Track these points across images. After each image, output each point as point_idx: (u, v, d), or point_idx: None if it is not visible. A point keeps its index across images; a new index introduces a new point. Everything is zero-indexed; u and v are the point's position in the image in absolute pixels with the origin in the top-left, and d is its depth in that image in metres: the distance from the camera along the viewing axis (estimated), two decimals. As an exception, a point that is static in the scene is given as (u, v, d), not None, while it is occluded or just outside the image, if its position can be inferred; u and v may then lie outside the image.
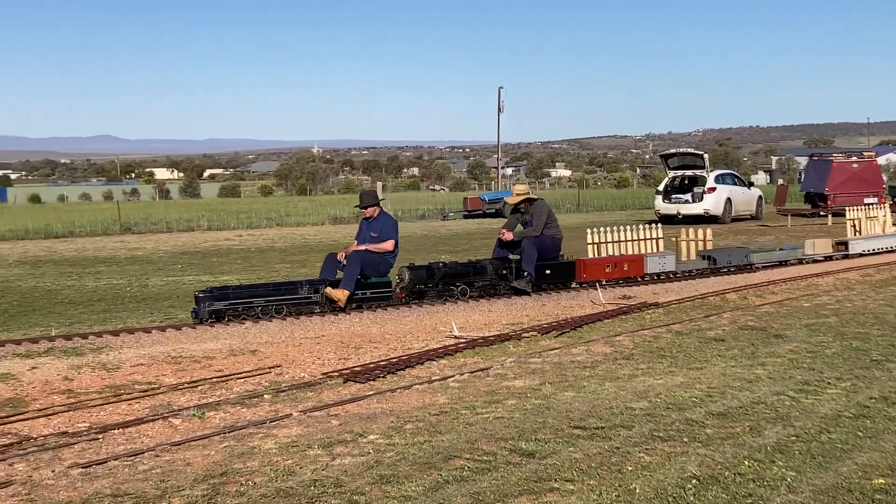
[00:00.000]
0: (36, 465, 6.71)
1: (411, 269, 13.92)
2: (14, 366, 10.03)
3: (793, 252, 19.64)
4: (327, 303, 13.00)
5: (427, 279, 13.87)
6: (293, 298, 12.84)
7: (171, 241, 33.53)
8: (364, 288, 13.38)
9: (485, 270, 14.42)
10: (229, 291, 12.66)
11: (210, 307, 12.28)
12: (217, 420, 7.90)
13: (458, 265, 14.43)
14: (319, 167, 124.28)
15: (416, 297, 13.83)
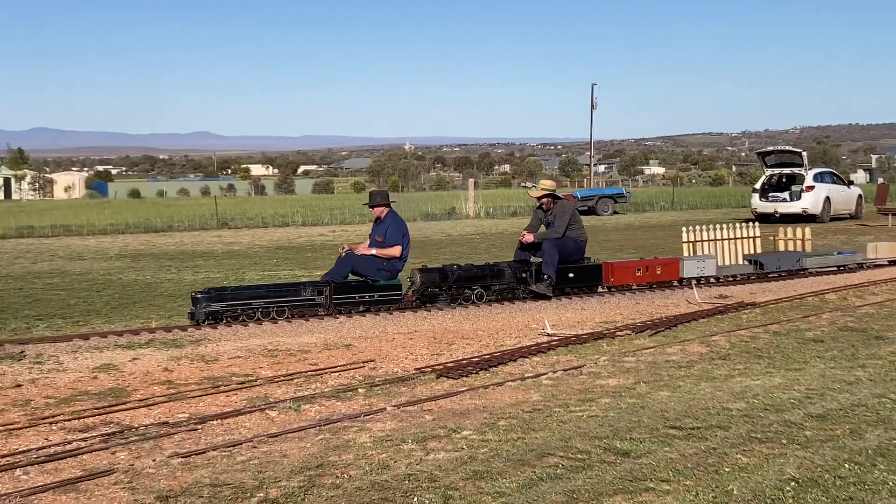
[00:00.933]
0: (137, 453, 6.87)
1: (423, 271, 13.40)
2: (116, 356, 10.29)
3: (851, 257, 18.19)
4: (331, 305, 12.66)
5: (440, 282, 13.29)
6: (295, 300, 12.47)
7: (267, 235, 34.03)
8: (372, 291, 13.00)
9: (502, 273, 13.77)
10: (227, 293, 12.31)
11: (207, 308, 11.97)
12: (312, 413, 8.00)
13: (475, 268, 13.76)
14: (411, 164, 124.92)
15: (427, 300, 13.31)
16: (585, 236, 14.56)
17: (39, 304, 15.38)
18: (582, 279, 14.39)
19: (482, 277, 13.61)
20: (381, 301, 13.02)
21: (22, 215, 46.34)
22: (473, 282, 13.52)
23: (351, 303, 12.83)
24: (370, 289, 13.01)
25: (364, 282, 13.09)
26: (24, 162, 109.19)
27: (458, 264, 13.85)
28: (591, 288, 14.54)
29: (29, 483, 6.20)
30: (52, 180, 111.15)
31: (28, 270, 22.04)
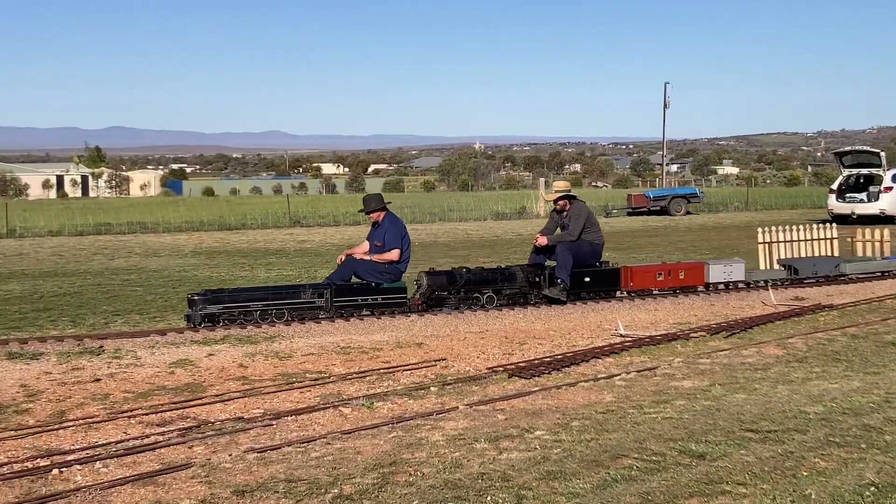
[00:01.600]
0: (214, 448, 6.96)
1: (430, 274, 13.01)
2: (192, 352, 10.44)
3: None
4: (332, 308, 12.39)
5: (447, 285, 12.93)
6: (295, 303, 12.21)
7: (339, 234, 34.27)
8: (375, 293, 12.67)
9: (514, 277, 13.33)
10: (224, 295, 12.10)
11: (203, 311, 11.75)
12: (385, 410, 8.03)
13: (485, 271, 13.37)
14: (481, 163, 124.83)
15: (434, 304, 12.95)
16: (602, 239, 14.07)
17: (117, 299, 15.67)
18: (599, 283, 13.86)
19: (493, 281, 13.20)
20: (384, 304, 12.68)
21: (99, 212, 47.23)
22: (483, 285, 13.13)
23: (353, 306, 12.51)
24: (373, 291, 12.66)
25: (367, 284, 12.78)
26: (102, 160, 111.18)
27: (468, 267, 13.49)
28: (609, 293, 13.98)
29: (108, 476, 6.31)
30: (129, 178, 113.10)
31: (106, 266, 22.46)
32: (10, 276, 20.45)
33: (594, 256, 13.92)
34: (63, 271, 21.37)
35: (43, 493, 5.97)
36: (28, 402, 8.36)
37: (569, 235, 13.66)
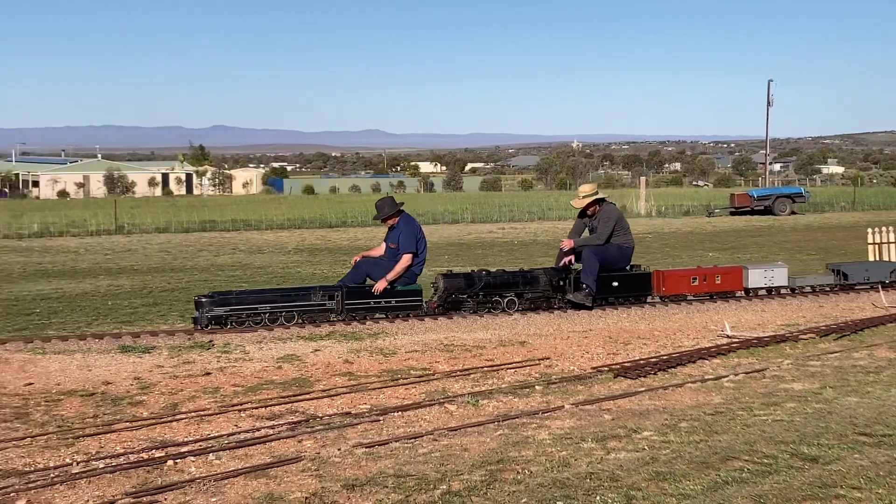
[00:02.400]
0: (323, 442, 7.05)
1: (447, 277, 12.63)
2: (299, 348, 10.59)
3: None
4: (344, 310, 12.10)
5: (465, 289, 12.56)
6: (305, 305, 11.97)
7: (437, 232, 34.40)
8: (389, 296, 12.32)
9: (536, 280, 12.87)
10: (232, 297, 11.92)
11: (210, 313, 11.56)
12: (490, 408, 8.05)
13: (505, 274, 12.97)
14: (579, 162, 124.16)
15: (451, 307, 12.55)
16: (632, 243, 13.50)
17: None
18: (628, 288, 13.35)
19: (513, 284, 12.81)
20: (398, 307, 12.36)
21: (204, 210, 48.14)
22: (504, 289, 12.75)
23: (365, 308, 12.21)
24: (386, 294, 12.30)
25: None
26: (205, 158, 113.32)
27: (488, 269, 13.17)
28: (639, 298, 13.48)
29: (221, 468, 6.44)
30: (231, 176, 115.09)
31: (211, 263, 22.92)
32: (121, 271, 21.00)
33: (623, 261, 13.38)
34: (171, 267, 21.87)
35: (159, 483, 6.12)
36: (142, 395, 8.58)
37: (596, 239, 13.19)
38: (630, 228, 13.62)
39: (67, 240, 32.94)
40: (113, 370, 9.53)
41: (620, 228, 13.28)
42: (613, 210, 13.45)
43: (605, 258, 13.07)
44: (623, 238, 13.30)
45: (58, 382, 9.04)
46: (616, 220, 13.24)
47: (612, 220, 13.21)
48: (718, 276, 13.88)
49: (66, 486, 6.07)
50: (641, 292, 13.48)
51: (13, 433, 7.37)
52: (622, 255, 13.32)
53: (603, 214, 13.32)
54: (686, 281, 13.66)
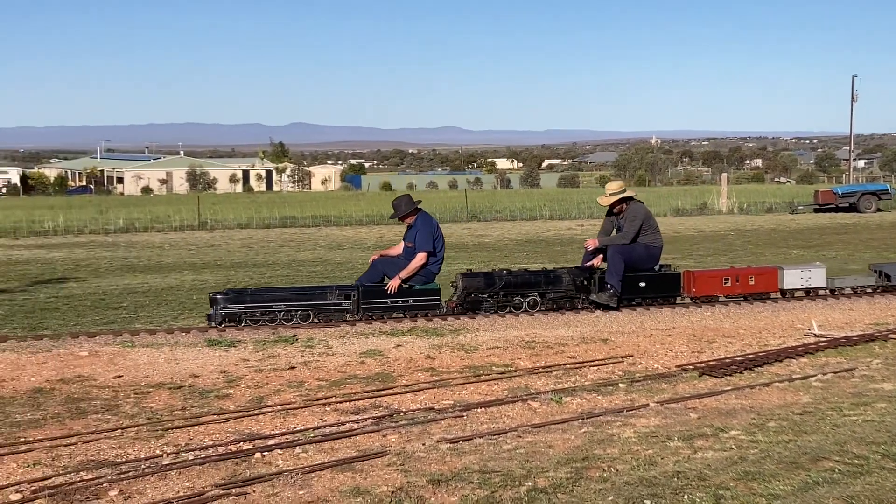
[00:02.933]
0: (407, 437, 7.08)
1: (466, 276, 12.43)
2: (381, 343, 10.65)
3: None
4: (360, 310, 11.96)
5: (485, 288, 12.33)
6: (321, 304, 11.84)
7: (515, 229, 34.38)
8: (406, 295, 12.15)
9: (559, 280, 12.57)
10: (247, 294, 11.93)
11: (225, 310, 11.51)
12: (574, 406, 8.01)
13: (527, 273, 12.74)
14: (658, 158, 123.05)
15: (470, 307, 12.32)
16: (660, 242, 13.14)
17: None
18: (656, 289, 12.98)
19: (535, 284, 12.54)
20: (415, 307, 12.18)
21: (284, 206, 48.68)
22: (525, 289, 12.49)
23: (382, 308, 12.07)
24: (404, 293, 12.15)
25: (400, 286, 12.23)
26: (285, 155, 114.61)
27: (509, 269, 12.95)
28: (667, 299, 13.08)
29: (308, 461, 6.50)
30: (310, 173, 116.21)
31: (293, 258, 23.17)
32: (204, 266, 21.33)
33: (650, 261, 13.00)
34: (253, 262, 22.16)
35: (247, 475, 6.20)
36: (228, 388, 8.69)
37: (622, 238, 12.83)
38: (659, 228, 13.26)
39: (152, 235, 33.58)
40: (200, 363, 9.67)
41: (648, 227, 12.93)
42: (640, 208, 13.08)
43: (632, 258, 12.73)
44: (651, 237, 12.96)
45: (146, 375, 9.20)
46: (643, 219, 12.90)
47: (638, 219, 12.86)
48: (752, 276, 13.46)
49: (156, 476, 6.18)
50: (670, 293, 13.11)
51: (104, 424, 7.52)
52: (649, 254, 12.96)
53: (629, 213, 12.99)
54: (717, 282, 13.29)
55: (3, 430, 7.39)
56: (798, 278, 13.63)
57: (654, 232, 13.02)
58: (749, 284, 13.36)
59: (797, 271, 13.70)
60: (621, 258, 12.59)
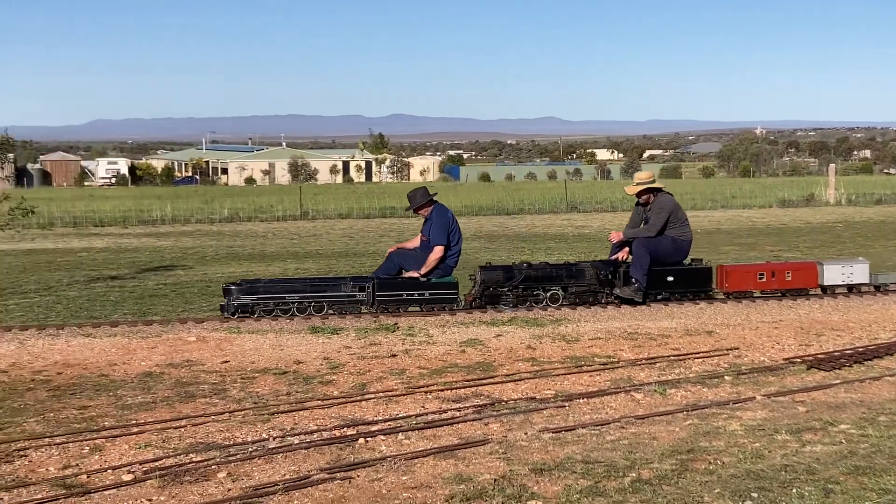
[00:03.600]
0: (509, 426, 7.08)
1: (485, 269, 12.20)
2: (481, 333, 10.66)
3: None
4: (375, 302, 11.75)
5: (504, 282, 12.03)
6: (334, 296, 11.66)
7: (616, 220, 34.00)
8: (423, 288, 11.95)
9: (582, 274, 12.23)
10: (259, 285, 11.76)
11: (238, 301, 11.41)
12: (678, 398, 7.91)
13: (548, 266, 12.39)
14: (763, 148, 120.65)
15: (488, 301, 12.05)
16: (689, 235, 12.72)
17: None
18: (685, 284, 12.56)
19: (557, 278, 12.19)
20: (431, 300, 11.94)
21: (383, 196, 48.98)
22: (546, 282, 12.15)
23: (398, 301, 11.86)
24: (420, 286, 11.96)
25: (414, 279, 12.10)
26: (384, 146, 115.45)
27: (530, 262, 12.58)
28: (698, 294, 12.64)
29: (411, 447, 6.55)
30: (409, 164, 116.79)
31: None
32: (307, 255, 21.62)
33: (678, 254, 12.62)
34: (353, 252, 22.38)
35: (351, 460, 6.27)
36: (331, 374, 8.80)
37: (647, 231, 12.46)
38: (688, 220, 12.88)
39: (255, 224, 34.15)
40: (304, 350, 9.81)
41: (676, 220, 12.55)
42: (668, 200, 12.68)
43: (657, 251, 12.34)
44: (679, 230, 12.58)
45: (252, 361, 9.37)
46: (670, 212, 12.50)
47: (664, 212, 12.48)
48: (789, 271, 12.96)
49: (263, 459, 6.29)
50: (700, 288, 12.70)
51: (212, 408, 7.68)
52: (677, 248, 12.57)
53: (656, 205, 12.61)
54: (752, 277, 12.81)
55: (115, 413, 7.60)
56: (839, 274, 13.11)
57: (683, 225, 12.67)
58: (786, 280, 12.87)
59: (838, 267, 13.17)
60: (646, 251, 12.25)
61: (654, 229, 12.43)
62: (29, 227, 28.82)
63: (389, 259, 12.61)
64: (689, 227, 12.81)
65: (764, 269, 13.01)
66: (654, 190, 12.76)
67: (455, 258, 12.39)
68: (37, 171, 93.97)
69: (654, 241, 12.39)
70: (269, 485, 5.76)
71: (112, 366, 9.23)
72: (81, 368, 9.14)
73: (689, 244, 12.71)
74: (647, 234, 12.44)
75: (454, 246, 12.36)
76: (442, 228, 12.23)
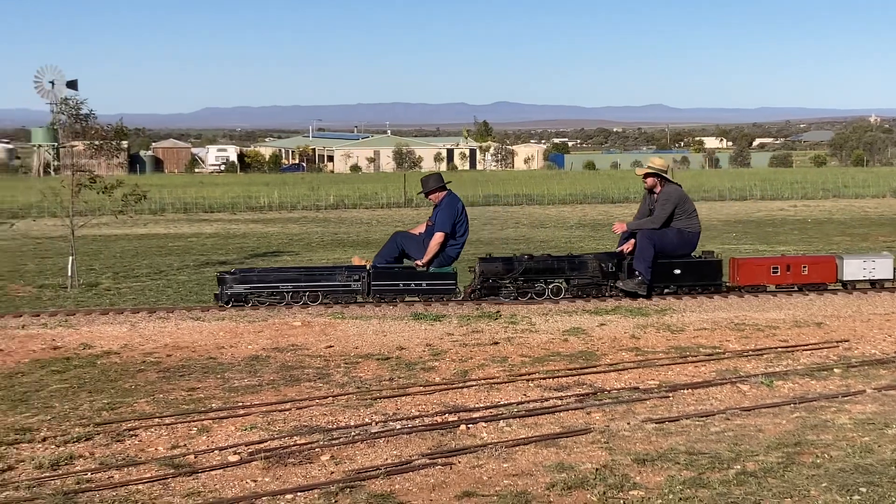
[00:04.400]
0: (611, 415, 7.03)
1: (484, 260, 11.90)
2: (584, 321, 10.60)
3: None
4: (371, 292, 11.52)
5: (503, 273, 11.72)
6: (329, 285, 11.51)
7: (724, 209, 33.59)
8: (420, 278, 11.69)
9: (585, 266, 11.89)
10: (253, 275, 11.64)
11: (231, 290, 11.34)
12: (785, 390, 7.76)
13: (550, 258, 12.12)
14: (877, 137, 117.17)
15: (487, 293, 11.75)
16: (697, 227, 12.29)
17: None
18: (694, 277, 12.12)
19: (558, 270, 11.88)
20: (429, 290, 11.69)
21: (487, 184, 49.04)
22: (547, 274, 11.84)
23: (394, 290, 11.64)
24: (417, 276, 11.73)
25: (410, 268, 11.89)
26: (489, 134, 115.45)
27: (531, 254, 12.26)
28: (708, 288, 12.14)
29: (512, 435, 6.56)
30: (513, 152, 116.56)
31: (496, 236, 23.35)
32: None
33: (685, 247, 12.17)
34: (457, 239, 22.42)
35: (452, 446, 6.30)
36: (433, 361, 8.85)
37: (651, 223, 12.04)
38: (697, 212, 12.48)
39: (360, 211, 34.56)
40: (406, 336, 9.88)
41: (682, 212, 12.13)
42: (675, 191, 12.23)
43: (662, 243, 11.92)
44: (686, 222, 12.15)
45: (356, 346, 9.47)
46: (676, 203, 12.08)
47: (670, 203, 12.05)
48: (805, 266, 12.43)
49: (366, 443, 6.36)
50: (710, 281, 12.20)
51: (316, 392, 7.79)
52: (683, 240, 12.13)
53: (662, 196, 12.17)
54: (765, 271, 12.34)
55: (223, 395, 7.76)
56: (860, 269, 12.46)
57: (690, 216, 12.25)
58: (802, 274, 12.33)
59: (859, 261, 12.57)
60: (650, 243, 11.81)
61: (659, 221, 12.04)
62: (141, 212, 29.56)
63: (392, 240, 12.38)
64: (698, 219, 12.46)
65: (778, 262, 12.56)
66: (662, 178, 12.38)
67: (457, 249, 12.18)
68: (149, 158, 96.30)
69: (658, 232, 11.99)
70: (371, 468, 5.82)
71: (220, 349, 9.43)
72: (190, 351, 9.35)
73: (696, 236, 12.34)
74: (651, 225, 12.06)
75: (459, 237, 12.14)
76: (448, 216, 11.99)
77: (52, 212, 28.92)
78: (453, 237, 12.03)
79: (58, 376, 8.43)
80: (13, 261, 18.65)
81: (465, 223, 12.26)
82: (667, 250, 12.00)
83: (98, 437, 6.63)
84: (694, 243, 12.29)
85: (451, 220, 11.98)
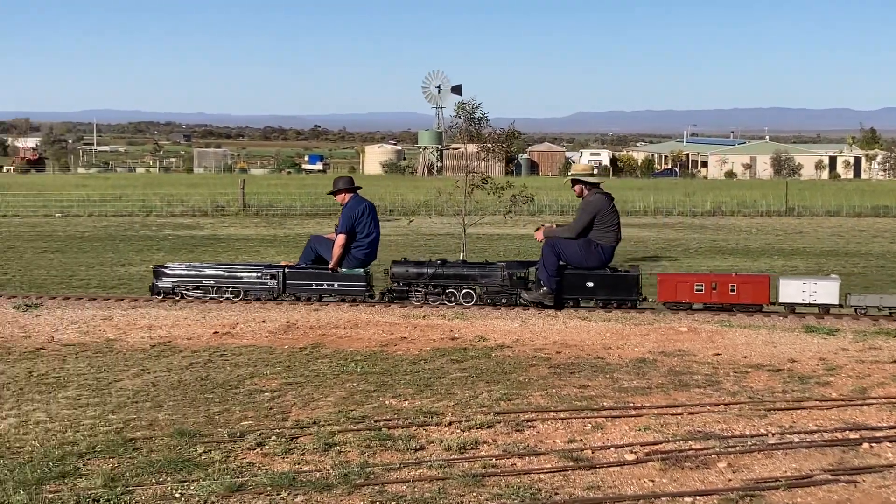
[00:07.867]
0: None
1: (396, 264, 12.05)
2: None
3: None
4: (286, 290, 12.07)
5: (414, 277, 11.84)
6: (248, 282, 12.10)
7: None
8: (332, 279, 12.07)
9: (493, 274, 11.72)
10: (181, 269, 12.43)
11: (160, 283, 12.27)
12: None
13: (461, 265, 12.31)
14: None
15: (397, 297, 11.89)
16: (614, 241, 11.60)
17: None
18: (607, 290, 11.58)
19: (468, 277, 11.83)
20: (340, 291, 12.08)
21: (874, 195, 46.40)
22: (458, 280, 11.83)
23: (307, 290, 12.12)
24: (329, 277, 12.14)
25: (324, 269, 12.18)
26: (875, 141, 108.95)
27: (443, 259, 12.34)
28: (623, 303, 11.54)
29: (919, 458, 6.22)
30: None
31: (887, 249, 22.07)
32: (793, 252, 21.10)
33: (591, 260, 11.48)
34: (844, 251, 21.51)
35: (856, 464, 6.09)
36: (828, 376, 8.54)
37: (566, 231, 11.66)
38: (619, 226, 11.73)
39: (738, 219, 33.79)
40: (797, 349, 9.60)
41: (602, 223, 11.52)
42: (596, 200, 11.65)
43: (568, 254, 11.50)
44: (601, 233, 11.53)
45: (744, 356, 9.33)
46: (594, 213, 11.51)
47: (586, 213, 11.56)
48: (734, 284, 11.49)
49: (762, 454, 6.28)
50: (625, 296, 11.62)
51: (707, 398, 7.77)
52: (589, 253, 11.50)
53: (582, 204, 11.81)
54: (688, 288, 11.56)
55: (613, 395, 7.92)
56: (798, 291, 11.48)
57: (610, 229, 11.60)
58: (729, 293, 11.48)
59: (799, 282, 11.57)
60: (552, 252, 11.51)
61: (574, 230, 11.63)
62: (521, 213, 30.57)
63: (308, 245, 12.78)
64: (617, 233, 11.72)
65: (703, 280, 11.72)
66: (589, 184, 11.90)
67: (363, 251, 12.35)
68: (525, 161, 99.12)
69: (566, 242, 11.61)
70: (771, 479, 5.75)
71: (607, 349, 9.61)
72: (578, 349, 9.61)
73: (611, 250, 11.72)
74: (566, 234, 11.68)
75: (362, 238, 12.32)
76: (347, 218, 12.29)
77: (438, 210, 30.58)
78: (354, 238, 12.30)
79: (457, 365, 8.96)
80: (403, 254, 19.88)
81: (370, 225, 12.46)
82: (572, 262, 11.63)
83: (499, 425, 7.00)
84: (605, 257, 11.69)
85: (350, 222, 12.29)
